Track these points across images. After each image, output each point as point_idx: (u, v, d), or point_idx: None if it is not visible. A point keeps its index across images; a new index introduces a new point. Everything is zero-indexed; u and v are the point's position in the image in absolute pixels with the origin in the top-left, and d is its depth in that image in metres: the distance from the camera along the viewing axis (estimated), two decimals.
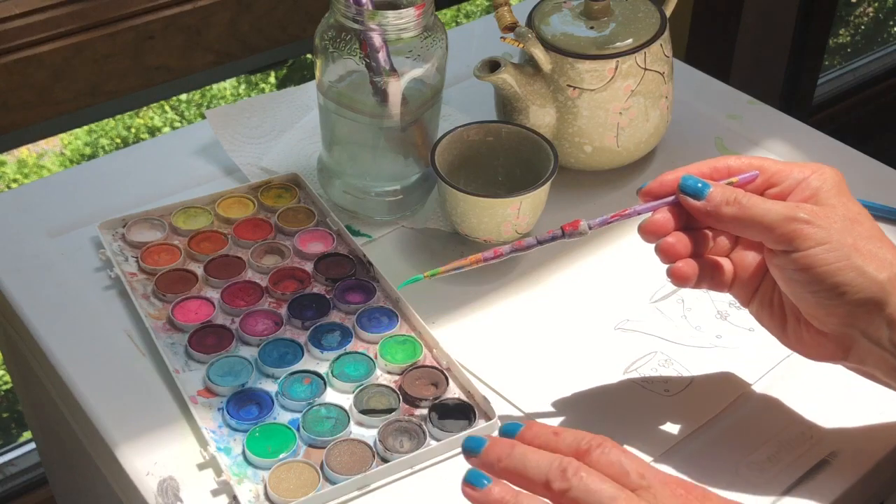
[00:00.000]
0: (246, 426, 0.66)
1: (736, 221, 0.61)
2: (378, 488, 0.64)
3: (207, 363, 0.69)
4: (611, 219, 0.64)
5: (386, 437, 0.65)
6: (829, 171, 0.63)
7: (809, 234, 0.59)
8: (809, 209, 0.60)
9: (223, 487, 0.63)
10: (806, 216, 0.59)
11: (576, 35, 0.83)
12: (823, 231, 0.59)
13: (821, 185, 0.62)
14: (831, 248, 0.59)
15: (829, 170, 0.63)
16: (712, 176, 0.63)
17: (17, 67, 1.00)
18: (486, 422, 0.67)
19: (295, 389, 0.68)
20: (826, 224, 0.59)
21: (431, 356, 0.72)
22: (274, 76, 1.96)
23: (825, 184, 0.62)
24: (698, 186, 0.62)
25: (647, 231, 0.62)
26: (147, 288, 0.75)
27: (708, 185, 0.62)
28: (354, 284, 0.76)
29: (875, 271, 0.59)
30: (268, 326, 0.72)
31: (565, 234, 0.64)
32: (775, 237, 0.60)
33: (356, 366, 0.70)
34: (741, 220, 0.61)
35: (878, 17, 2.44)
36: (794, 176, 0.63)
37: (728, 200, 0.61)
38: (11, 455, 1.45)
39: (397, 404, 0.67)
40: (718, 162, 0.64)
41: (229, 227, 0.80)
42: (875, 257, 0.59)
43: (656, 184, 0.64)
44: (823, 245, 0.59)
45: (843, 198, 0.62)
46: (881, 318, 0.59)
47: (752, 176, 0.63)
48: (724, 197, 0.61)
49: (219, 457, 0.64)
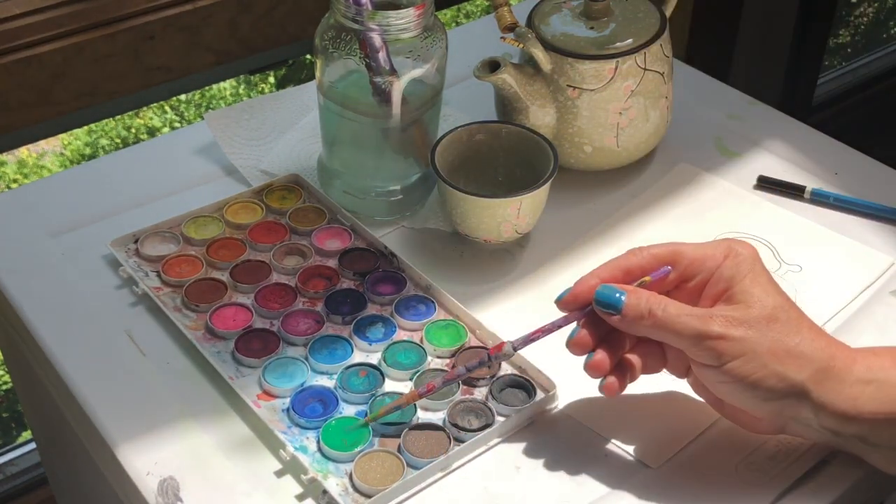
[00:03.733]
0: (316, 423, 0.67)
1: (654, 333, 0.62)
2: (457, 469, 0.65)
3: (259, 367, 0.70)
4: (532, 335, 0.66)
5: (454, 418, 0.67)
6: (742, 252, 0.63)
7: (724, 350, 0.60)
8: (722, 320, 0.60)
9: (310, 485, 0.64)
10: (719, 330, 0.60)
11: (576, 35, 0.83)
12: (738, 344, 0.59)
13: (734, 273, 0.62)
14: (748, 360, 0.59)
15: (742, 250, 0.63)
16: (625, 279, 0.64)
17: (17, 67, 1.00)
18: (545, 393, 0.69)
19: (353, 383, 0.69)
20: (740, 334, 0.60)
21: (475, 337, 0.73)
22: (274, 76, 1.96)
23: (738, 271, 0.62)
24: (614, 298, 0.62)
25: (576, 346, 0.64)
26: (176, 300, 0.75)
27: (622, 297, 0.62)
28: (382, 276, 0.77)
29: (795, 373, 0.59)
30: (310, 325, 0.73)
31: (491, 357, 0.67)
32: (692, 353, 0.61)
33: (407, 354, 0.72)
34: (658, 331, 0.62)
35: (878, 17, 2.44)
36: (707, 266, 0.63)
37: (643, 314, 0.61)
38: (11, 455, 1.45)
39: (457, 386, 0.69)
40: (630, 261, 0.64)
41: (243, 233, 0.81)
42: (794, 357, 0.60)
43: (571, 297, 0.65)
44: (739, 358, 0.59)
45: (757, 287, 0.61)
46: (807, 407, 0.60)
47: (665, 272, 0.64)
48: (638, 311, 0.62)
49: (299, 456, 0.64)
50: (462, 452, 0.66)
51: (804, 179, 0.88)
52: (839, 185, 0.88)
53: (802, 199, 0.87)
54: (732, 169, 0.90)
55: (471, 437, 0.66)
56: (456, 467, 0.65)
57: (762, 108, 0.97)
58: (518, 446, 0.67)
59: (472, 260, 0.81)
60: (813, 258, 0.81)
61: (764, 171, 0.89)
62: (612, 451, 0.67)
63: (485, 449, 0.67)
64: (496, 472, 0.65)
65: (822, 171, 0.89)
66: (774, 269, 0.80)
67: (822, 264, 0.80)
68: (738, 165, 0.90)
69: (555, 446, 0.67)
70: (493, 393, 0.69)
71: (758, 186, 0.88)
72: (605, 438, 0.67)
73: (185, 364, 0.72)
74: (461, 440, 0.66)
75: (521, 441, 0.67)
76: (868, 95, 2.18)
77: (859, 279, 0.79)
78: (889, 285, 0.79)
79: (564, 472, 0.65)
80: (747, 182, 0.88)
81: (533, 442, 0.67)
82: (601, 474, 0.65)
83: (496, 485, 0.65)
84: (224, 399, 0.69)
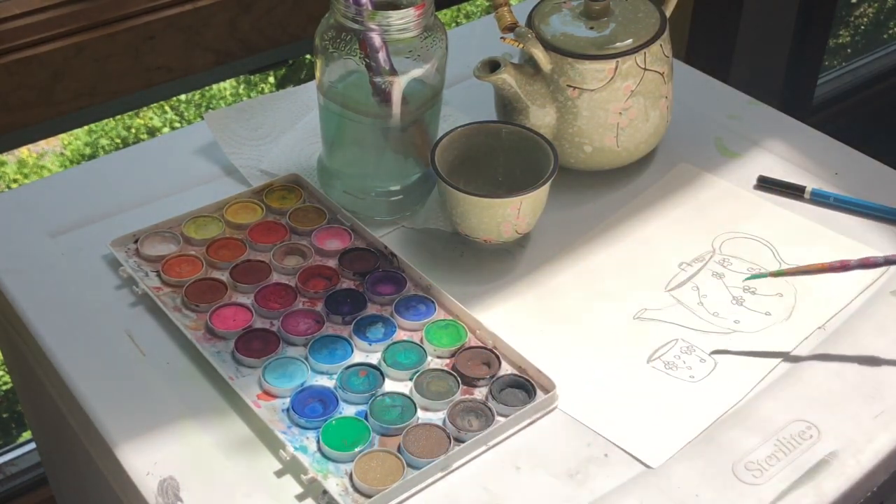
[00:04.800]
0: (316, 423, 0.67)
1: None
2: (457, 469, 0.65)
3: (259, 367, 0.70)
4: None
5: (454, 418, 0.67)
6: None
7: None
8: None
9: (310, 485, 0.64)
10: None
11: (576, 35, 0.83)
12: None
13: None
14: None
15: None
16: None
17: (18, 67, 1.00)
18: (545, 394, 0.69)
19: (353, 383, 0.69)
20: None
21: (475, 337, 0.73)
22: (274, 76, 1.96)
23: None
24: None
25: None
26: (176, 300, 0.75)
27: None
28: (382, 276, 0.77)
29: None
30: (310, 325, 0.73)
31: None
32: None
33: (407, 354, 0.72)
34: None
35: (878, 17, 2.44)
36: None
37: None
38: (11, 455, 1.45)
39: (457, 386, 0.69)
40: None
41: (243, 233, 0.81)
42: None
43: None
44: None
45: None
46: None
47: None
48: None
49: (299, 456, 0.64)
50: (462, 452, 0.66)
51: (804, 179, 0.88)
52: (839, 185, 0.88)
53: (802, 199, 0.87)
54: (732, 169, 0.90)
55: (471, 437, 0.66)
56: (456, 467, 0.65)
57: (762, 108, 0.97)
58: (518, 446, 0.67)
59: (472, 260, 0.81)
60: (813, 258, 0.81)
61: (764, 171, 0.89)
62: (612, 451, 0.67)
63: (485, 449, 0.67)
64: (496, 472, 0.65)
65: (822, 171, 0.89)
66: (774, 269, 0.80)
67: None
68: (738, 165, 0.90)
69: (555, 446, 0.67)
70: (493, 393, 0.69)
71: (758, 186, 0.88)
72: (605, 438, 0.67)
73: (185, 364, 0.72)
74: (461, 440, 0.66)
75: (521, 441, 0.67)
76: (868, 95, 2.18)
77: (859, 279, 0.79)
78: (889, 285, 0.79)
79: (564, 472, 0.65)
80: (747, 182, 0.88)
81: (533, 442, 0.67)
82: (601, 474, 0.65)
83: (496, 485, 0.65)
84: (224, 399, 0.69)
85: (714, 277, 0.79)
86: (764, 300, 0.77)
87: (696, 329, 0.75)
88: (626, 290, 0.78)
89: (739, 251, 0.82)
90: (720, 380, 0.71)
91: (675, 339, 0.74)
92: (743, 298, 0.77)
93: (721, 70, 1.75)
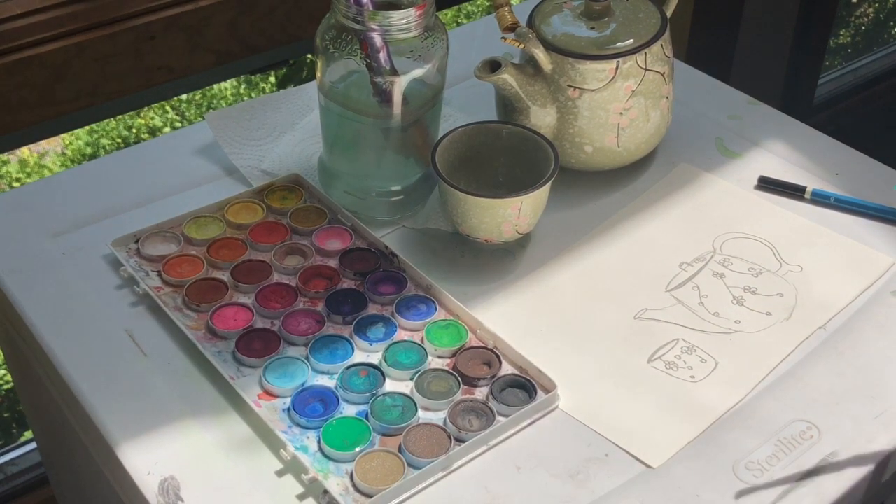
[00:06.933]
0: (317, 423, 0.67)
1: None
2: (457, 469, 0.65)
3: (260, 367, 0.70)
4: None
5: (455, 418, 0.67)
6: None
7: None
8: None
9: (311, 485, 0.64)
10: None
11: (576, 35, 0.84)
12: None
13: None
14: None
15: None
16: None
17: (19, 67, 1.00)
18: (546, 394, 0.69)
19: (354, 383, 0.69)
20: None
21: (476, 337, 0.73)
22: (274, 76, 1.96)
23: None
24: None
25: None
26: (177, 300, 0.75)
27: None
28: (383, 276, 0.77)
29: None
30: (310, 325, 0.73)
31: None
32: None
33: (407, 354, 0.72)
34: None
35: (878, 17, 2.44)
36: None
37: None
38: (12, 455, 1.45)
39: (458, 386, 0.69)
40: None
41: (244, 233, 0.81)
42: None
43: None
44: None
45: None
46: None
47: None
48: None
49: (299, 456, 0.64)
50: (462, 452, 0.66)
51: (804, 180, 0.88)
52: (839, 185, 0.88)
53: (803, 199, 0.87)
54: (733, 169, 0.90)
55: (471, 437, 0.66)
56: (456, 467, 0.65)
57: (762, 108, 0.97)
58: (518, 446, 0.67)
59: (473, 260, 0.81)
60: (813, 258, 0.81)
61: (764, 171, 0.89)
62: (612, 451, 0.67)
63: (485, 449, 0.67)
64: (496, 472, 0.65)
65: (822, 171, 0.89)
66: (775, 269, 0.80)
67: (823, 265, 0.80)
68: (739, 165, 0.90)
69: (555, 446, 0.67)
70: (493, 393, 0.69)
71: (758, 187, 0.88)
72: (605, 438, 0.67)
73: (185, 364, 0.72)
74: (462, 440, 0.66)
75: (521, 441, 0.67)
76: (868, 96, 2.18)
77: (859, 279, 0.79)
78: (889, 285, 0.79)
79: (564, 472, 0.65)
80: (748, 182, 0.88)
81: (533, 442, 0.67)
82: (601, 474, 0.65)
83: (496, 485, 0.65)
84: (225, 399, 0.69)
85: (715, 277, 0.79)
86: (764, 300, 0.77)
87: (697, 329, 0.75)
88: (627, 290, 0.78)
89: (740, 251, 0.82)
90: (721, 380, 0.71)
91: (676, 339, 0.74)
92: (744, 298, 0.77)
93: (721, 70, 1.75)
